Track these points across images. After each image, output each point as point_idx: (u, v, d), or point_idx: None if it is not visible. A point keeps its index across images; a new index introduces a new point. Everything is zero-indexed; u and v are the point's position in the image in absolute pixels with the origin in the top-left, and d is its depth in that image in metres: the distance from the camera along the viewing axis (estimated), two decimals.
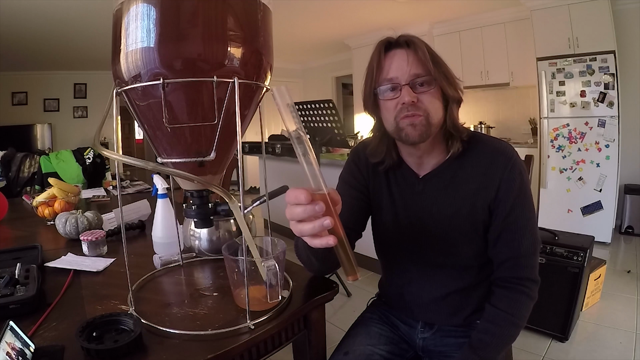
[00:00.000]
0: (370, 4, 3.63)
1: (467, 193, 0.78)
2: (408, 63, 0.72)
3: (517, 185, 0.75)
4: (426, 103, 0.72)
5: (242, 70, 0.64)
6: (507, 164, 0.75)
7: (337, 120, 2.21)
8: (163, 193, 1.08)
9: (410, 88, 0.72)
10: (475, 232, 0.79)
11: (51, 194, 1.57)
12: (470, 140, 0.78)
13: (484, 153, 0.78)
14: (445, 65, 0.75)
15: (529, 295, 0.75)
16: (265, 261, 0.68)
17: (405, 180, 0.84)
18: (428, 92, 0.73)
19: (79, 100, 5.96)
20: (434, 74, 0.72)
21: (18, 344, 0.53)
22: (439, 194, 0.80)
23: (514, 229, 0.76)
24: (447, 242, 0.80)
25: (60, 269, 0.94)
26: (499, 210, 0.76)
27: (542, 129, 3.29)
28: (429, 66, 0.71)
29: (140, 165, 0.60)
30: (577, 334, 1.80)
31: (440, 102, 0.75)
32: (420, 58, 0.72)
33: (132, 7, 0.60)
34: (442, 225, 0.80)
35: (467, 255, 0.80)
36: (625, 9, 3.23)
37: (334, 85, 6.38)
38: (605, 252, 2.88)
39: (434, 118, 0.74)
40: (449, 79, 0.74)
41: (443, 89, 0.74)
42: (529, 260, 0.76)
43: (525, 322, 0.76)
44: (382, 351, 0.84)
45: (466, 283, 0.83)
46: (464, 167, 0.79)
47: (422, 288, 0.86)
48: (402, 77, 0.72)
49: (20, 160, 2.85)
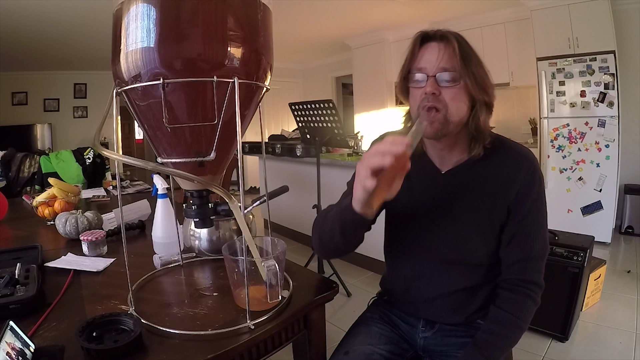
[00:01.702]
0: (370, 4, 3.63)
1: (489, 192, 0.79)
2: (438, 57, 0.73)
3: (536, 189, 0.78)
4: (447, 98, 0.73)
5: (242, 70, 0.64)
6: (529, 168, 0.77)
7: (337, 120, 2.21)
8: (163, 193, 1.08)
9: (436, 81, 0.73)
10: (491, 231, 0.80)
11: (51, 194, 1.57)
12: (494, 143, 0.79)
13: (507, 156, 0.79)
14: (478, 66, 0.74)
15: (534, 299, 0.77)
16: (265, 261, 0.68)
17: (427, 173, 0.85)
18: (451, 88, 0.73)
19: (79, 100, 5.96)
20: (460, 71, 0.72)
21: (18, 344, 0.53)
22: (460, 190, 0.81)
23: (528, 231, 0.78)
24: (462, 238, 0.81)
25: (60, 269, 0.94)
26: (517, 211, 0.78)
27: (542, 129, 3.29)
28: (457, 62, 0.72)
29: (140, 165, 0.60)
30: (577, 334, 1.80)
31: (465, 102, 0.75)
32: (450, 53, 0.73)
33: (132, 7, 0.60)
34: (460, 220, 0.80)
35: (480, 254, 0.81)
36: (625, 9, 3.23)
37: (334, 85, 6.38)
38: (605, 252, 2.87)
39: (453, 115, 0.74)
40: (478, 79, 0.73)
41: (469, 89, 0.73)
42: (538, 264, 0.78)
43: (528, 326, 0.77)
44: (383, 350, 0.84)
45: (474, 282, 0.83)
46: (487, 168, 0.80)
47: (430, 283, 0.86)
48: (431, 69, 0.74)
49: (20, 160, 2.85)
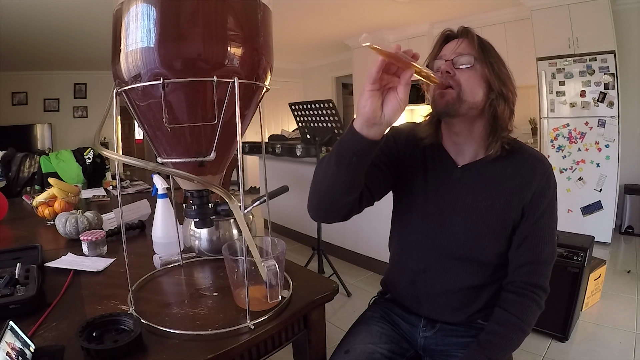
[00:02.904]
0: (370, 4, 3.63)
1: (505, 190, 0.79)
2: (457, 47, 0.77)
3: (550, 193, 0.79)
4: (462, 79, 0.75)
5: (242, 70, 0.64)
6: (545, 172, 0.79)
7: (337, 120, 2.21)
8: (163, 193, 1.08)
9: (453, 64, 0.76)
10: (503, 230, 0.80)
11: (51, 194, 1.57)
12: (513, 146, 0.80)
13: (525, 159, 0.80)
14: (497, 58, 0.77)
15: (538, 303, 0.77)
16: (265, 261, 0.68)
17: (443, 166, 0.85)
18: (467, 69, 0.75)
19: (79, 100, 5.95)
20: (477, 55, 0.75)
21: (18, 344, 0.53)
22: (477, 185, 0.81)
23: (539, 234, 0.78)
24: (474, 234, 0.80)
25: (60, 269, 0.94)
26: (530, 214, 0.78)
27: (542, 129, 3.29)
28: (473, 49, 0.76)
29: (140, 165, 0.60)
30: (577, 334, 1.80)
31: (481, 86, 0.76)
32: (468, 42, 0.77)
33: (132, 7, 0.60)
34: (473, 216, 0.80)
35: (489, 252, 0.81)
36: (625, 9, 3.23)
37: (334, 85, 6.38)
38: (605, 252, 2.87)
39: (467, 95, 0.74)
40: (495, 69, 0.75)
41: (485, 74, 0.75)
42: (545, 268, 0.79)
43: (530, 330, 0.77)
44: (383, 350, 0.84)
45: (480, 281, 0.83)
46: (505, 167, 0.80)
47: (436, 278, 0.85)
48: (449, 55, 0.77)
49: (20, 160, 2.85)
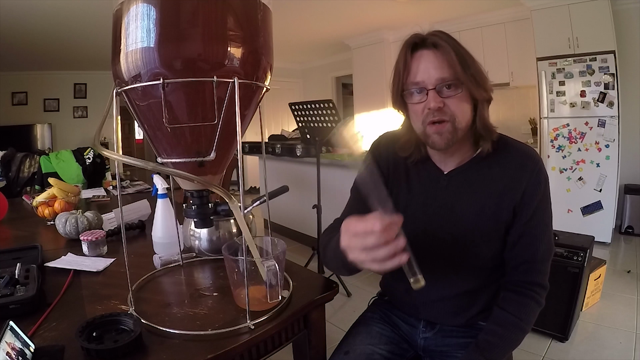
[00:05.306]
0: (370, 4, 3.63)
1: (493, 192, 0.77)
2: (435, 66, 0.70)
3: (541, 190, 0.76)
4: (453, 107, 0.71)
5: (242, 70, 0.64)
6: (534, 169, 0.76)
7: (337, 120, 2.21)
8: (163, 193, 1.08)
9: (437, 92, 0.70)
10: (496, 232, 0.78)
11: (51, 194, 1.57)
12: (498, 142, 0.78)
13: (512, 156, 0.77)
14: (475, 65, 0.72)
15: (538, 301, 0.76)
16: (265, 261, 0.68)
17: (429, 175, 0.83)
18: (455, 96, 0.71)
19: (79, 100, 5.95)
20: (462, 78, 0.69)
21: (18, 344, 0.53)
22: (465, 191, 0.79)
23: (533, 233, 0.76)
24: (466, 240, 0.79)
25: (60, 269, 0.94)
26: (523, 213, 0.76)
27: (542, 129, 3.29)
28: (456, 69, 0.69)
29: (140, 165, 0.60)
30: (577, 334, 1.80)
31: (469, 104, 0.73)
32: (447, 60, 0.69)
33: (132, 7, 0.60)
34: (464, 222, 0.79)
35: (483, 257, 0.80)
36: (625, 9, 3.23)
37: (334, 85, 6.37)
38: (605, 252, 2.87)
39: (461, 122, 0.72)
40: (478, 80, 0.71)
41: (471, 91, 0.71)
42: (543, 265, 0.77)
43: (530, 328, 0.77)
44: (383, 350, 0.84)
45: (476, 284, 0.82)
46: (491, 167, 0.78)
47: (432, 286, 0.84)
48: (429, 82, 0.70)
49: (20, 160, 2.85)
